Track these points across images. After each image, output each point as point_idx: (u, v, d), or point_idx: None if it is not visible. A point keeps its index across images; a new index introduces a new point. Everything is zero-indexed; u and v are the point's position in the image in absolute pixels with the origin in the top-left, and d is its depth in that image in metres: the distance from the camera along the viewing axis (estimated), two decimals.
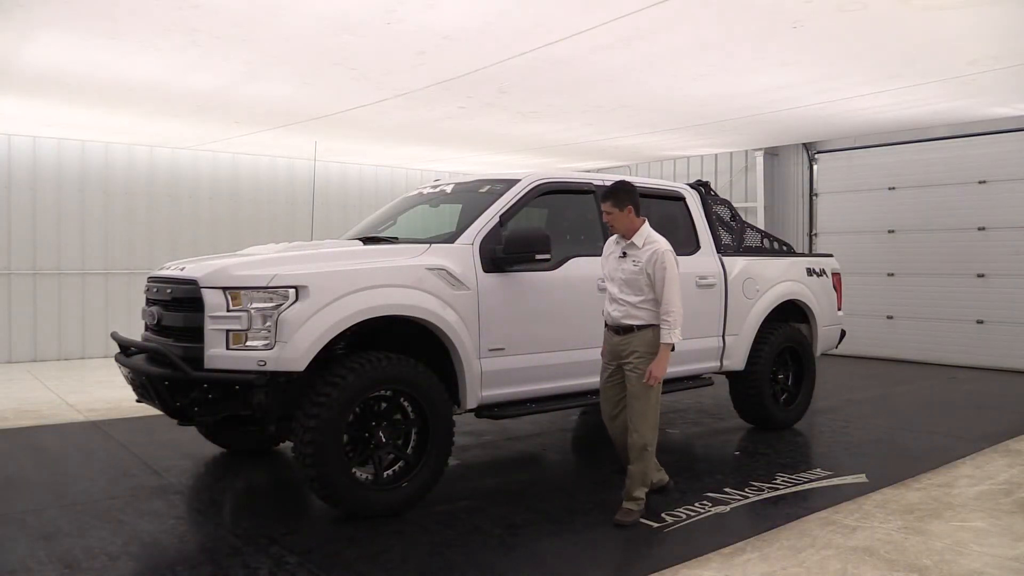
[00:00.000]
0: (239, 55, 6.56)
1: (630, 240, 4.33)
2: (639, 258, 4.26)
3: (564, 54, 6.54)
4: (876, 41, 6.40)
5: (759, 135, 11.11)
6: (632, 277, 4.27)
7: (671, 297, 4.19)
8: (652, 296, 4.24)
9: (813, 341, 7.08)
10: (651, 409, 4.31)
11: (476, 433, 6.53)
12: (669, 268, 4.20)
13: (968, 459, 5.68)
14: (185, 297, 4.34)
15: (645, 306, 4.26)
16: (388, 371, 4.30)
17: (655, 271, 4.21)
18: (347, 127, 9.81)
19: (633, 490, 4.34)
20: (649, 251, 4.25)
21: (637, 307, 4.27)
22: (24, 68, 6.97)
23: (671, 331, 4.19)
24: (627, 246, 4.34)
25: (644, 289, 4.24)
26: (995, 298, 10.12)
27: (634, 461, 4.35)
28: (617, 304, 4.33)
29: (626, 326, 4.30)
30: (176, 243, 11.65)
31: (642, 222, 4.37)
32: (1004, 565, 3.69)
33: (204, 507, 4.70)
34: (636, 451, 4.33)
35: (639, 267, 4.24)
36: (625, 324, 4.30)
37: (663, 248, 4.26)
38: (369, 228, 5.87)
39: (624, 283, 4.31)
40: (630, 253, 4.31)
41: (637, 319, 4.27)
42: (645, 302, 4.25)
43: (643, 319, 4.27)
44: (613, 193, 4.31)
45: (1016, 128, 9.86)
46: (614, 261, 4.40)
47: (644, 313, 4.26)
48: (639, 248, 4.29)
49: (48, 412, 7.34)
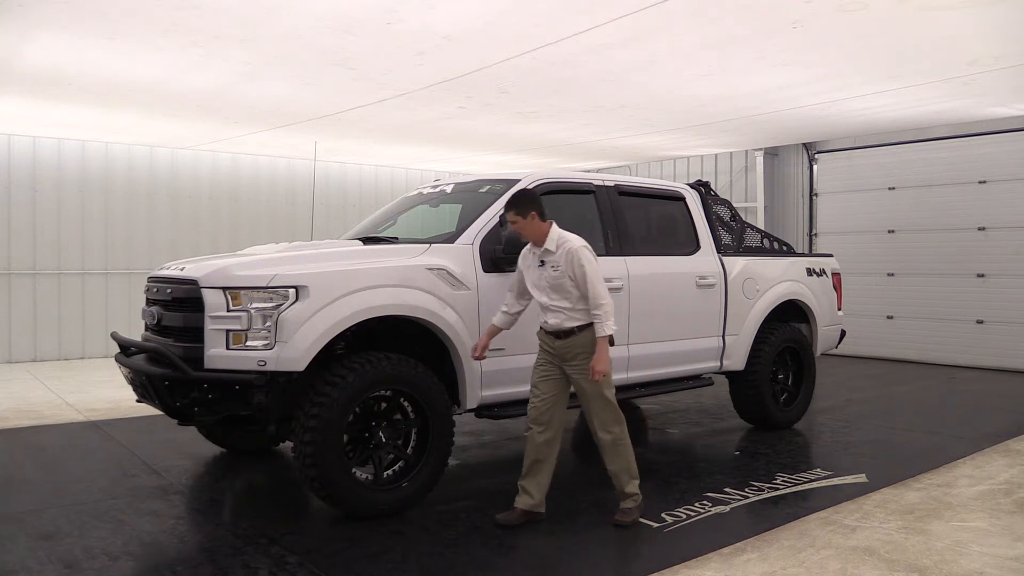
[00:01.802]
0: (239, 55, 6.56)
1: (543, 247, 4.27)
2: (557, 262, 4.21)
3: (564, 54, 6.54)
4: (876, 41, 6.40)
5: (759, 135, 11.11)
6: (556, 282, 4.22)
7: (596, 290, 4.15)
8: (581, 294, 4.20)
9: (813, 341, 7.08)
10: (609, 404, 4.27)
11: (476, 433, 6.53)
12: (587, 263, 4.17)
13: (968, 459, 5.68)
14: (185, 297, 4.34)
15: (581, 306, 4.21)
16: (388, 371, 4.30)
17: (575, 271, 4.17)
18: (347, 127, 9.81)
19: (624, 486, 4.32)
20: (563, 252, 4.21)
21: (574, 310, 4.22)
22: (24, 68, 6.97)
23: (603, 324, 4.13)
24: (542, 253, 4.28)
25: (572, 291, 4.20)
26: (995, 298, 10.12)
27: (611, 460, 4.32)
28: (552, 312, 4.25)
29: (567, 329, 4.23)
30: (176, 243, 11.66)
31: (549, 225, 4.31)
32: (1004, 565, 3.69)
33: (204, 507, 4.70)
34: (610, 449, 4.30)
35: (560, 271, 4.20)
36: (566, 327, 4.23)
37: (576, 245, 4.22)
38: (369, 228, 5.88)
39: (551, 289, 4.24)
40: (547, 260, 4.26)
41: (577, 320, 4.22)
42: (579, 302, 4.21)
43: (582, 319, 4.22)
44: (515, 203, 4.27)
45: (1016, 128, 9.87)
46: (535, 271, 4.33)
47: (581, 314, 4.21)
48: (554, 253, 4.23)
49: (48, 412, 7.34)
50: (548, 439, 4.32)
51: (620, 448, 4.32)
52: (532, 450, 4.33)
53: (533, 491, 4.32)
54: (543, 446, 4.31)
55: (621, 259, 5.48)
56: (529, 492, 4.32)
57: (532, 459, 4.33)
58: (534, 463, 4.33)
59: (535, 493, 4.32)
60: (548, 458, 4.34)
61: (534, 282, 4.34)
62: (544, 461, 4.33)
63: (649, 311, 5.60)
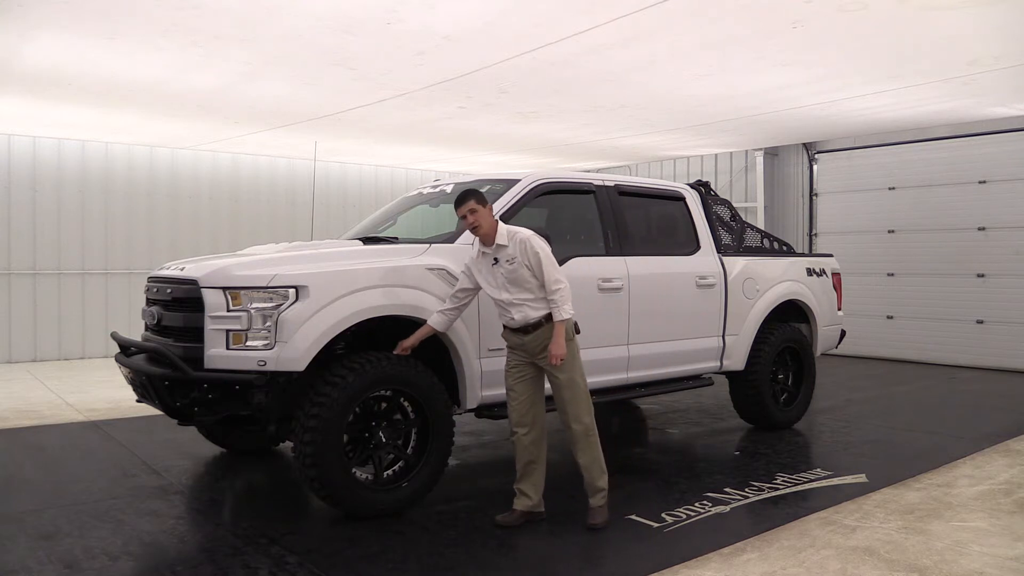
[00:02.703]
0: (239, 55, 6.56)
1: (495, 243, 4.23)
2: (512, 255, 4.18)
3: (564, 54, 6.54)
4: (876, 41, 6.40)
5: (759, 135, 11.11)
6: (515, 275, 4.18)
7: (551, 275, 4.13)
8: (539, 283, 4.18)
9: (813, 341, 7.08)
10: (581, 393, 4.26)
11: (476, 433, 6.53)
12: (541, 250, 4.16)
13: (968, 459, 5.68)
14: (185, 297, 4.34)
15: (542, 294, 4.18)
16: (388, 371, 4.30)
17: (531, 259, 4.15)
18: (347, 127, 9.81)
19: (596, 480, 4.29)
20: (516, 243, 4.19)
21: (536, 300, 4.19)
22: (24, 68, 6.97)
23: (560, 308, 4.11)
24: (495, 251, 4.23)
25: (532, 280, 4.17)
26: (995, 298, 10.12)
27: (582, 452, 4.29)
28: (515, 307, 4.21)
29: (535, 321, 4.19)
30: (176, 243, 11.65)
31: (497, 222, 4.29)
32: (1004, 565, 3.69)
33: (204, 507, 4.70)
34: (581, 441, 4.28)
35: (515, 263, 4.16)
36: (533, 319, 4.19)
37: (528, 234, 4.21)
38: (369, 228, 5.88)
39: (510, 284, 4.20)
40: (500, 256, 4.22)
41: (541, 310, 4.19)
42: (540, 290, 4.18)
43: (546, 308, 4.19)
44: (472, 193, 4.22)
45: (1016, 128, 9.86)
46: (488, 272, 4.28)
47: (544, 303, 4.19)
48: (506, 246, 4.20)
49: (48, 412, 7.34)
50: (534, 439, 4.32)
51: (591, 439, 4.29)
52: (522, 452, 4.33)
53: (530, 492, 4.32)
54: (531, 447, 4.31)
55: (621, 259, 5.48)
56: (526, 494, 4.32)
57: (524, 461, 4.33)
58: (527, 465, 4.33)
59: (532, 494, 4.32)
60: (539, 457, 4.34)
61: (490, 283, 4.28)
62: (536, 461, 4.33)
63: (649, 311, 5.59)
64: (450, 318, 4.44)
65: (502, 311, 4.31)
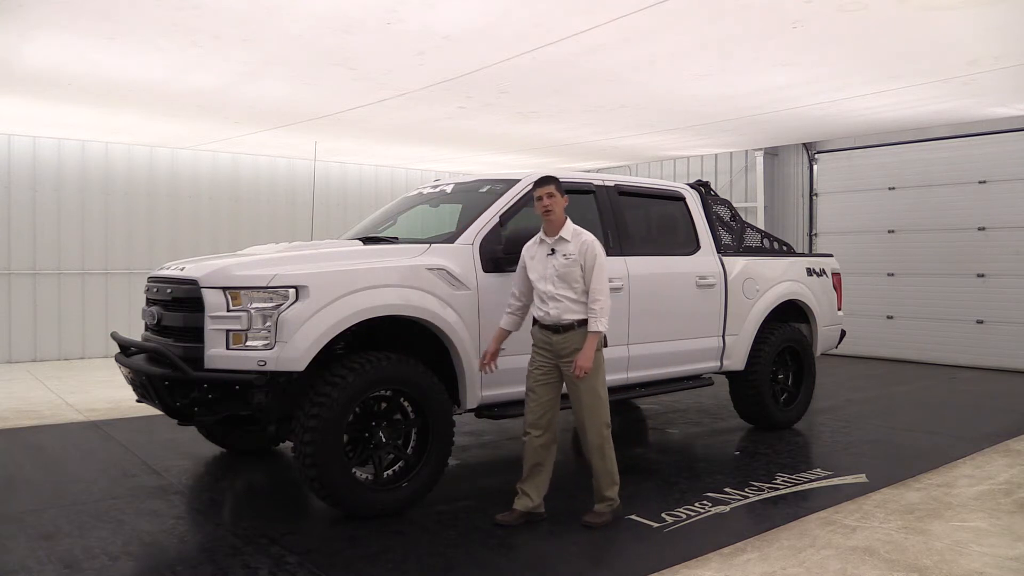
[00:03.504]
0: (239, 55, 6.56)
1: (557, 236, 4.31)
2: (570, 250, 4.26)
3: (564, 54, 6.54)
4: (876, 41, 6.40)
5: (759, 135, 11.11)
6: (566, 271, 4.24)
7: (599, 286, 4.21)
8: (584, 288, 4.24)
9: (813, 341, 7.08)
10: (601, 403, 4.29)
11: (476, 433, 6.53)
12: (599, 257, 4.24)
13: (968, 459, 5.68)
14: (185, 297, 4.33)
15: (582, 299, 4.24)
16: (388, 371, 4.30)
17: (587, 260, 4.22)
18: (347, 127, 9.81)
19: (604, 489, 4.32)
20: (579, 243, 4.27)
21: (576, 302, 4.24)
22: (24, 68, 6.97)
23: (598, 319, 4.18)
24: (555, 242, 4.31)
25: (579, 281, 4.24)
26: (995, 298, 10.12)
27: (596, 460, 4.32)
28: (554, 301, 4.26)
29: (566, 323, 4.24)
30: (176, 243, 11.66)
31: (567, 217, 4.38)
32: (1004, 565, 3.69)
33: (204, 507, 4.70)
34: (596, 451, 4.31)
35: (571, 259, 4.24)
36: (566, 321, 4.24)
37: (592, 238, 4.31)
38: (369, 228, 5.88)
39: (558, 279, 4.25)
40: (559, 248, 4.29)
41: (577, 314, 4.24)
42: (583, 295, 4.24)
43: (581, 314, 4.24)
44: (554, 180, 4.33)
45: (1016, 128, 9.86)
46: (543, 260, 4.35)
47: (581, 308, 4.24)
48: (569, 241, 4.29)
49: (48, 412, 7.34)
50: (545, 443, 4.33)
51: (607, 450, 4.33)
52: (531, 454, 4.33)
53: (532, 494, 4.33)
54: (541, 450, 4.32)
55: (621, 259, 5.47)
56: (528, 494, 4.32)
57: (532, 463, 4.33)
58: (534, 467, 4.33)
59: (534, 496, 4.33)
60: (546, 461, 4.35)
61: (540, 272, 4.34)
62: (543, 464, 4.34)
63: (649, 311, 5.59)
64: (520, 316, 4.55)
65: (538, 304, 4.36)
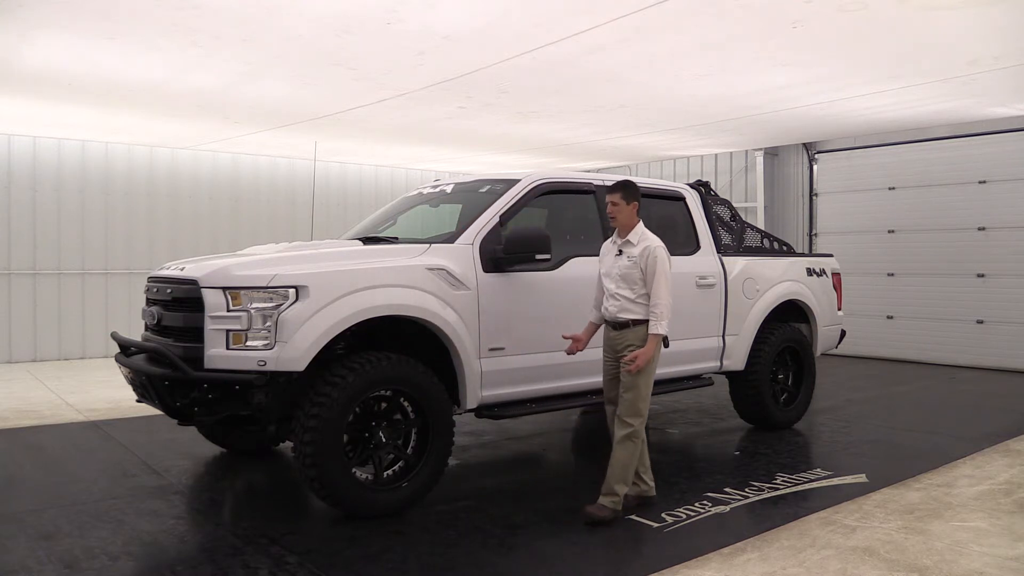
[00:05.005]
0: (239, 55, 6.56)
1: (626, 238, 4.48)
2: (633, 253, 4.42)
3: (564, 54, 6.54)
4: (876, 41, 6.40)
5: (759, 135, 11.11)
6: (627, 272, 4.41)
7: (660, 290, 4.34)
8: (645, 291, 4.39)
9: (813, 341, 7.08)
10: (641, 400, 4.39)
11: (476, 433, 6.53)
12: (660, 262, 4.37)
13: (968, 459, 5.68)
14: (185, 297, 4.33)
15: (641, 301, 4.39)
16: (388, 371, 4.30)
17: (647, 264, 4.36)
18: (347, 127, 9.81)
19: (613, 483, 4.35)
20: (643, 246, 4.42)
21: (633, 302, 4.40)
22: (24, 68, 6.97)
23: (658, 322, 4.33)
24: (623, 244, 4.49)
25: (639, 283, 4.39)
26: (995, 298, 10.12)
27: (618, 448, 4.39)
28: (614, 299, 4.46)
29: (623, 321, 4.43)
30: (176, 243, 11.65)
31: (638, 222, 4.53)
32: (1004, 565, 3.69)
33: (204, 507, 4.70)
34: (621, 437, 4.39)
35: (633, 261, 4.40)
36: (622, 319, 4.42)
37: (656, 244, 4.44)
38: (369, 228, 5.88)
39: (620, 278, 4.44)
40: (625, 250, 4.46)
41: (633, 313, 4.40)
42: (641, 297, 4.39)
43: (638, 314, 4.39)
44: (623, 186, 4.51)
45: (1016, 128, 9.86)
46: (611, 258, 4.55)
47: (639, 308, 4.39)
48: (634, 245, 4.45)
49: (48, 412, 7.34)
50: None
51: (629, 445, 4.38)
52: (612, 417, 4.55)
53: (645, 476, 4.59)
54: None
55: None
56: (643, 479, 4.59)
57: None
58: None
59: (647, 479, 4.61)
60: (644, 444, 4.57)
61: (607, 270, 4.55)
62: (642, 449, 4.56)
63: None
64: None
65: (604, 299, 4.57)
